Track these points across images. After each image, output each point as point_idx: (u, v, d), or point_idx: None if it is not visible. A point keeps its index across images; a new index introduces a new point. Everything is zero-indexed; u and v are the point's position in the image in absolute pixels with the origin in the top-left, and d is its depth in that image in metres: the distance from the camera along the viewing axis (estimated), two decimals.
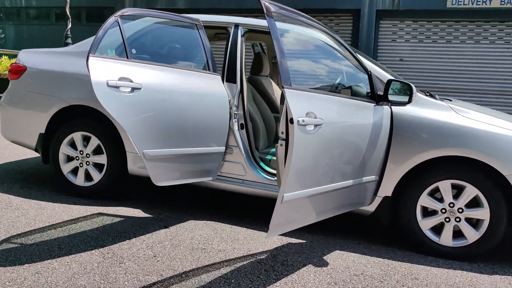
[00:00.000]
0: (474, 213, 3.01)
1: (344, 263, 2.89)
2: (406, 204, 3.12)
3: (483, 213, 2.99)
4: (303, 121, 2.27)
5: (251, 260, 2.85)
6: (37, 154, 5.26)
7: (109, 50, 2.81)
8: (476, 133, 2.94)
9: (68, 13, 11.41)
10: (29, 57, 3.97)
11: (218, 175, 3.53)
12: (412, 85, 2.86)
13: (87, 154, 3.77)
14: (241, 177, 3.49)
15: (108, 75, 2.68)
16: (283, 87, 2.22)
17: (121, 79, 2.73)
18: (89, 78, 3.54)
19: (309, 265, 2.83)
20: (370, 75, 3.02)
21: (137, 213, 3.56)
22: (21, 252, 2.74)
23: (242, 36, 3.54)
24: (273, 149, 3.71)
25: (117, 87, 2.69)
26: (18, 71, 3.90)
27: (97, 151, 3.77)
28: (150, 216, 3.51)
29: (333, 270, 2.78)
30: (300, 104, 2.29)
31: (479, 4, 10.42)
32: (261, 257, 2.89)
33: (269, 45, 4.81)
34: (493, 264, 3.06)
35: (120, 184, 3.84)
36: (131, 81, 2.78)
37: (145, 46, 3.12)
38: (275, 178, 3.44)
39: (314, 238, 3.30)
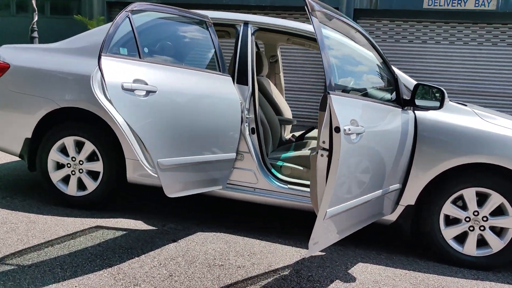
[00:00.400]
0: (499, 222, 2.93)
1: (371, 277, 2.74)
2: (430, 212, 3.00)
3: (509, 222, 2.91)
4: (349, 129, 2.09)
5: (275, 276, 2.65)
6: (15, 158, 4.85)
7: (121, 48, 2.54)
8: (504, 139, 2.85)
9: (34, 4, 10.74)
10: (11, 53, 3.59)
11: (227, 183, 3.30)
12: (444, 90, 2.73)
13: (80, 161, 3.45)
14: (252, 185, 3.27)
15: (122, 77, 2.40)
16: (328, 93, 2.03)
17: (135, 81, 2.46)
18: (86, 79, 3.22)
19: (337, 280, 2.66)
20: (396, 79, 2.88)
21: (139, 225, 3.28)
22: (20, 275, 2.42)
23: (252, 34, 3.32)
24: (284, 154, 3.51)
25: (132, 90, 2.42)
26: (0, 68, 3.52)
27: (91, 157, 3.46)
28: (154, 228, 3.24)
29: (362, 285, 2.63)
30: (344, 111, 2.11)
31: (454, 6, 10.58)
32: (284, 273, 2.70)
33: (268, 44, 4.61)
34: None
35: (117, 193, 3.54)
36: (146, 84, 2.51)
37: (154, 44, 2.85)
38: (288, 186, 3.25)
39: (333, 249, 3.13)
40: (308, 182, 3.30)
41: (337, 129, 2.01)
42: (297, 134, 4.41)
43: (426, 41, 11.15)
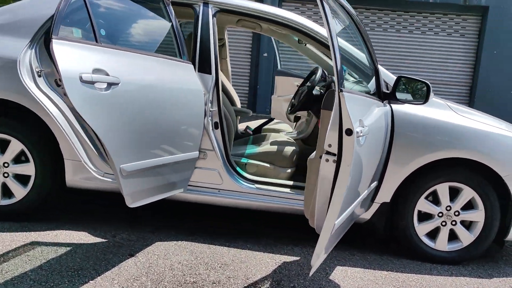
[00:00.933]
0: (470, 216, 2.91)
1: (354, 282, 2.57)
2: (405, 209, 2.90)
3: (478, 215, 2.91)
4: (361, 131, 1.85)
5: None
6: None
7: (74, 29, 2.03)
8: (478, 133, 2.82)
9: None
10: None
11: (188, 185, 2.92)
12: (429, 84, 2.60)
13: (4, 163, 2.85)
14: (217, 186, 2.94)
15: (80, 66, 1.92)
16: (341, 91, 1.76)
17: (95, 71, 1.99)
18: (11, 64, 2.63)
19: None
20: (377, 70, 2.69)
21: (85, 237, 2.80)
22: None
23: (213, 16, 2.93)
24: (249, 150, 3.21)
25: (92, 82, 1.95)
26: None
27: (19, 158, 2.87)
28: (104, 240, 2.78)
29: None
30: (353, 111, 1.86)
31: None
32: (265, 286, 2.43)
33: (221, 29, 4.21)
34: (483, 265, 3.02)
35: (54, 200, 3.00)
36: (107, 74, 2.05)
37: (109, 26, 2.35)
38: (256, 185, 2.96)
39: (305, 252, 2.92)
40: (276, 181, 3.04)
41: (349, 132, 1.76)
42: (251, 125, 4.11)
43: (374, 29, 11.23)
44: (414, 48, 11.03)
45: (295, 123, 4.21)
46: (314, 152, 2.35)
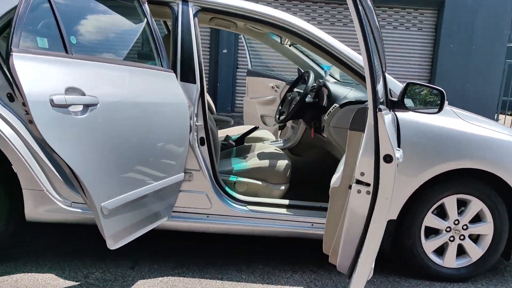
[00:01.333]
0: (479, 229, 2.72)
1: None
2: (412, 225, 2.67)
3: (487, 228, 2.72)
4: (400, 156, 1.56)
5: None
6: None
7: (38, 38, 1.59)
8: (487, 141, 2.62)
9: None
10: None
11: (173, 211, 2.54)
12: (443, 91, 2.35)
13: None
14: (205, 211, 2.58)
15: (50, 86, 1.50)
16: (379, 110, 1.46)
17: (69, 91, 1.58)
18: None
19: None
20: (384, 75, 2.42)
21: (51, 280, 2.35)
22: None
23: (194, 16, 2.55)
24: (236, 166, 2.86)
25: (66, 106, 1.53)
26: None
27: None
28: (75, 283, 2.36)
29: None
30: (391, 132, 1.56)
31: None
32: None
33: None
34: (491, 280, 2.85)
35: (10, 237, 2.53)
36: (83, 94, 1.64)
37: (79, 31, 1.91)
38: (248, 207, 2.63)
39: (306, 279, 2.62)
40: (270, 200, 2.73)
41: (389, 158, 1.47)
42: (230, 133, 3.75)
43: (334, 23, 11.04)
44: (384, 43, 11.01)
45: (280, 130, 3.90)
46: (335, 177, 2.02)
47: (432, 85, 2.37)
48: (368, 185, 1.60)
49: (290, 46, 3.71)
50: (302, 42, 2.69)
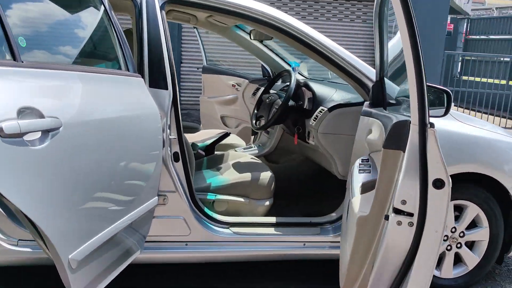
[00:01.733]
0: (475, 235, 2.57)
1: None
2: None
3: (483, 234, 2.58)
4: (449, 181, 1.29)
5: None
6: None
7: None
8: (483, 143, 2.46)
9: None
10: None
11: (146, 241, 2.14)
12: (450, 92, 2.12)
13: None
14: (183, 238, 2.20)
15: None
16: (430, 126, 1.18)
17: (23, 113, 1.14)
18: None
19: None
20: (383, 78, 2.16)
21: None
22: None
23: (161, 8, 2.14)
24: (215, 182, 2.49)
25: (20, 135, 1.11)
26: None
27: None
28: None
29: None
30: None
31: None
32: None
33: None
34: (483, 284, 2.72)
35: None
36: (42, 115, 1.21)
37: (29, 31, 1.42)
38: (231, 229, 2.29)
39: None
40: (254, 219, 2.41)
41: (440, 184, 1.20)
42: (192, 139, 3.33)
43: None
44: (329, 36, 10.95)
45: (252, 136, 3.56)
46: (356, 202, 1.71)
47: (437, 86, 2.15)
48: (411, 215, 1.32)
49: (261, 42, 3.38)
50: (285, 37, 2.37)
